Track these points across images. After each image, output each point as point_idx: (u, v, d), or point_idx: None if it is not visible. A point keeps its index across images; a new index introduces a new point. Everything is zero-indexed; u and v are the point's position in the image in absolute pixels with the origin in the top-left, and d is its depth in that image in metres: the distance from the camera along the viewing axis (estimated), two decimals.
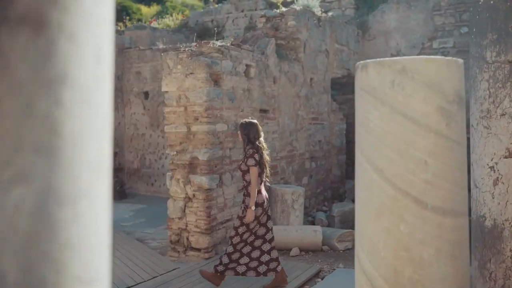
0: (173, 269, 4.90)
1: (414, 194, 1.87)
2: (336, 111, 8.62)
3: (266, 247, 4.25)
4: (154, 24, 14.55)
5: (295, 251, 5.57)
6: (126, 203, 8.88)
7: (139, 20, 19.34)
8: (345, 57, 8.90)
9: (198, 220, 5.29)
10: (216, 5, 14.30)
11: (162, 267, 4.98)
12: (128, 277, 4.60)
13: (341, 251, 5.71)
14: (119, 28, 12.66)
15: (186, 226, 5.37)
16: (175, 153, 5.42)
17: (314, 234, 5.67)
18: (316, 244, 5.65)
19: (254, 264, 4.20)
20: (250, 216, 4.08)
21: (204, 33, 13.64)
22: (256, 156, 4.15)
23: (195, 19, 14.43)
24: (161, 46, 9.31)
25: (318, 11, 8.05)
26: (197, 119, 5.28)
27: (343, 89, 10.03)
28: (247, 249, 4.21)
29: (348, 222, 7.06)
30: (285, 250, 5.64)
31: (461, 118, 1.91)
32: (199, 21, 14.31)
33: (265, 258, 4.22)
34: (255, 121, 4.35)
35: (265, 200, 4.25)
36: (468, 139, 2.13)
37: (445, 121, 1.87)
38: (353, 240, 5.77)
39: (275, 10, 7.54)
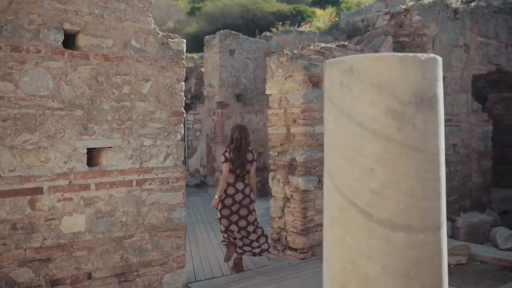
0: (263, 266, 5.08)
1: (360, 204, 1.73)
2: (478, 111, 7.74)
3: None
4: (306, 27, 14.87)
5: None
6: (264, 200, 9.33)
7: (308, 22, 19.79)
8: (492, 51, 7.92)
9: (295, 220, 5.37)
10: (367, 4, 13.96)
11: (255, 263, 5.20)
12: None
13: (451, 266, 5.17)
14: (268, 33, 13.30)
15: (285, 225, 5.50)
16: (276, 154, 5.59)
17: None
18: None
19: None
20: (213, 203, 4.99)
21: (354, 33, 13.47)
22: (227, 154, 4.88)
23: (346, 20, 14.33)
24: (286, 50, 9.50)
25: (455, 2, 7.34)
26: (295, 121, 5.36)
27: (498, 86, 8.96)
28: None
29: (478, 235, 6.33)
30: None
31: (422, 121, 1.70)
32: (350, 21, 14.18)
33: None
34: (241, 125, 5.09)
35: (238, 193, 4.89)
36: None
37: (396, 125, 1.69)
38: (467, 255, 5.20)
39: (401, 5, 7.12)
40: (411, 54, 1.76)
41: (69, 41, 3.74)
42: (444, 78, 7.16)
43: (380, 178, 1.69)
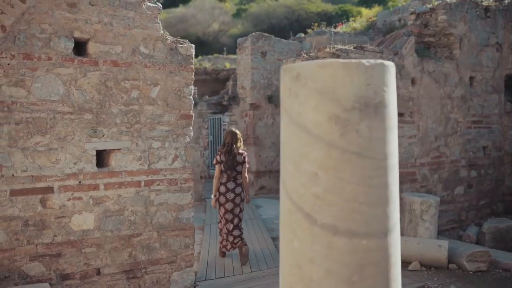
0: (274, 267, 5.12)
1: (305, 209, 1.76)
2: (511, 113, 7.44)
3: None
4: (342, 27, 14.74)
5: (414, 265, 5.15)
6: None
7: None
8: None
9: None
10: (404, 3, 13.66)
11: None
12: None
13: (470, 272, 5.02)
14: (302, 35, 13.28)
15: None
16: None
17: (437, 249, 5.13)
18: (439, 260, 5.10)
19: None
20: (212, 203, 5.42)
21: (391, 33, 13.22)
22: (218, 157, 5.31)
23: (383, 19, 14.09)
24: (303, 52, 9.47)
25: (486, 0, 7.10)
26: None
27: None
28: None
29: (505, 241, 6.10)
30: (405, 263, 5.26)
31: (366, 127, 1.71)
32: (387, 21, 13.93)
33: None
34: (232, 129, 5.45)
35: (229, 191, 5.28)
36: None
37: (339, 131, 1.71)
38: (488, 262, 5.04)
39: (426, 5, 6.95)
40: (355, 60, 1.78)
41: (81, 48, 3.94)
42: (472, 78, 6.93)
43: (324, 183, 1.72)
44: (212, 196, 5.40)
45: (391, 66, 1.80)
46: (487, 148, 7.15)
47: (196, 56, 23.12)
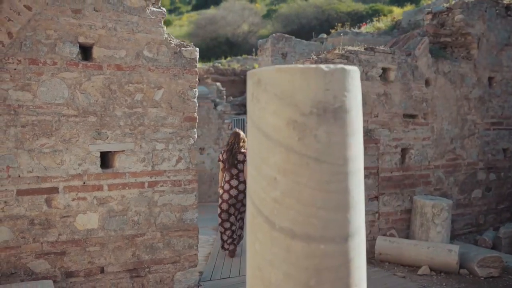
0: None
1: (265, 213, 1.79)
2: None
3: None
4: (366, 27, 14.58)
5: (423, 269, 5.06)
6: None
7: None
8: None
9: None
10: (429, 2, 13.39)
11: None
12: None
13: (481, 278, 4.90)
14: (325, 35, 13.20)
15: None
16: None
17: (447, 254, 5.02)
18: (449, 265, 5.00)
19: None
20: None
21: None
22: (220, 155, 5.77)
23: (408, 19, 13.86)
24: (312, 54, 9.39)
25: None
26: None
27: None
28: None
29: None
30: (414, 267, 5.18)
31: (325, 132, 1.72)
32: (411, 20, 13.70)
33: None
34: (237, 130, 5.85)
35: (232, 188, 5.63)
36: None
37: (297, 136, 1.73)
38: (500, 268, 4.91)
39: (443, 4, 6.81)
40: (313, 65, 1.79)
41: (87, 52, 4.06)
42: (492, 79, 6.75)
43: (282, 187, 1.74)
44: (219, 189, 5.86)
45: (353, 71, 1.80)
46: (507, 150, 6.95)
47: (225, 57, 23.31)
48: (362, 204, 1.85)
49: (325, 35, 13.44)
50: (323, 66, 1.76)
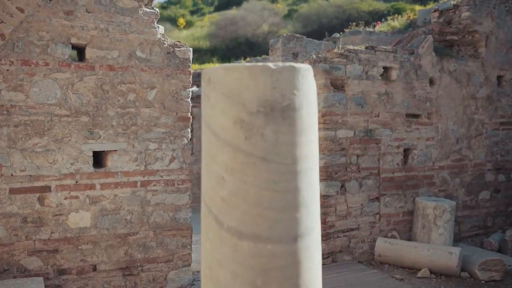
0: None
1: (214, 212, 1.79)
2: None
3: None
4: (381, 26, 14.40)
5: (423, 272, 4.97)
6: None
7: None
8: None
9: None
10: (445, 0, 13.15)
11: None
12: None
13: (482, 282, 4.79)
14: (338, 35, 13.09)
15: None
16: None
17: (447, 256, 4.92)
18: (449, 268, 4.90)
19: None
20: None
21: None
22: None
23: (423, 17, 13.65)
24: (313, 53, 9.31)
25: None
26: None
27: None
28: None
29: None
30: (414, 270, 5.09)
31: (272, 131, 1.70)
32: (427, 18, 13.47)
33: None
34: None
35: None
36: None
37: (244, 135, 1.71)
38: (502, 271, 4.79)
39: (451, 2, 6.68)
40: (260, 63, 1.77)
41: (81, 53, 4.12)
42: (501, 77, 6.59)
43: (230, 186, 1.73)
44: None
45: (304, 69, 1.78)
46: None
47: (245, 57, 23.38)
48: (315, 204, 1.83)
49: (338, 35, 13.35)
50: (271, 64, 1.75)
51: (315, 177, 1.84)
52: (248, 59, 22.07)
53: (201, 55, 32.40)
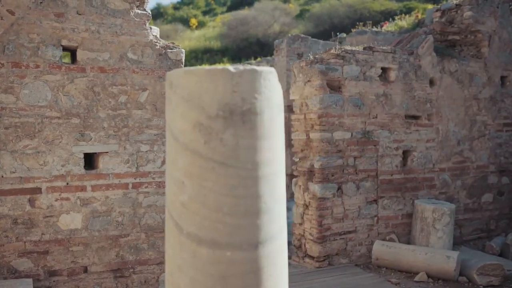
0: None
1: (175, 217, 1.76)
2: None
3: None
4: (389, 26, 14.27)
5: (420, 276, 4.89)
6: None
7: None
8: None
9: (312, 228, 5.28)
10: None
11: None
12: None
13: (480, 287, 4.69)
14: (344, 35, 12.99)
15: (304, 232, 5.43)
16: (298, 159, 5.55)
17: (445, 260, 4.84)
18: (447, 272, 4.81)
19: None
20: None
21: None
22: None
23: (431, 17, 13.48)
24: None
25: None
26: (313, 126, 5.27)
27: None
28: None
29: None
30: (411, 274, 5.01)
31: (231, 135, 1.67)
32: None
33: None
34: None
35: None
36: None
37: (203, 139, 1.68)
38: (501, 276, 4.70)
39: (453, 1, 6.58)
40: (220, 67, 1.74)
41: (73, 55, 4.13)
42: (504, 78, 6.47)
43: (189, 191, 1.71)
44: None
45: (266, 72, 1.75)
46: None
47: (255, 57, 23.35)
48: (279, 209, 1.79)
49: (344, 35, 13.25)
50: (231, 67, 1.72)
51: (278, 183, 1.80)
52: (258, 59, 22.04)
53: (212, 55, 32.44)
